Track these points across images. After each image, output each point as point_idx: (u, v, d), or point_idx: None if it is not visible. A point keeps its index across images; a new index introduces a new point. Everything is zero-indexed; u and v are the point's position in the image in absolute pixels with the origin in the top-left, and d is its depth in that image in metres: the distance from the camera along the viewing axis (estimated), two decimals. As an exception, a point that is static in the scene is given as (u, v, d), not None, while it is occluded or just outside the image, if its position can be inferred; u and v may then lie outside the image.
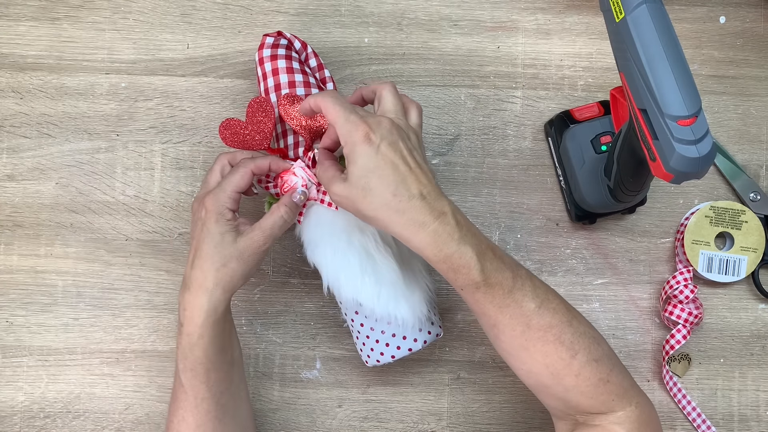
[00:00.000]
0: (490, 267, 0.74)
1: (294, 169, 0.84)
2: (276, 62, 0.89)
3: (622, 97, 0.82)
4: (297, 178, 0.84)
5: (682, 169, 0.71)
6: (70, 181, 0.97)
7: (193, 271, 0.80)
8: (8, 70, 0.98)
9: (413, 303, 0.85)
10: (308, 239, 0.86)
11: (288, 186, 0.84)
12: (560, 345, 0.76)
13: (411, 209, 0.73)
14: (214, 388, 0.81)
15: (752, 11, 1.00)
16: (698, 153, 0.70)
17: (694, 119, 0.70)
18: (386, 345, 0.88)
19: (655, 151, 0.72)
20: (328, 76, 0.92)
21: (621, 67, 0.74)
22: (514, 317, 0.76)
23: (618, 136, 0.84)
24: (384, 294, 0.84)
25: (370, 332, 0.88)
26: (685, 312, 0.94)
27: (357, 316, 0.88)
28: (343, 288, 0.84)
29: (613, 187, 0.89)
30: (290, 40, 0.91)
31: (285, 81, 0.88)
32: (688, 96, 0.70)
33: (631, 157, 0.82)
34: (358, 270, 0.84)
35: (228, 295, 0.80)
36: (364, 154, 0.73)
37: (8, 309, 0.96)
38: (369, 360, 0.90)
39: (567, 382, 0.77)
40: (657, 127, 0.71)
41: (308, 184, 0.84)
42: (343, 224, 0.84)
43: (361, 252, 0.84)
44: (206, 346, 0.80)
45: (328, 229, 0.85)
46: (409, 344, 0.88)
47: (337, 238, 0.84)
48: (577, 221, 0.97)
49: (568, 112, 0.95)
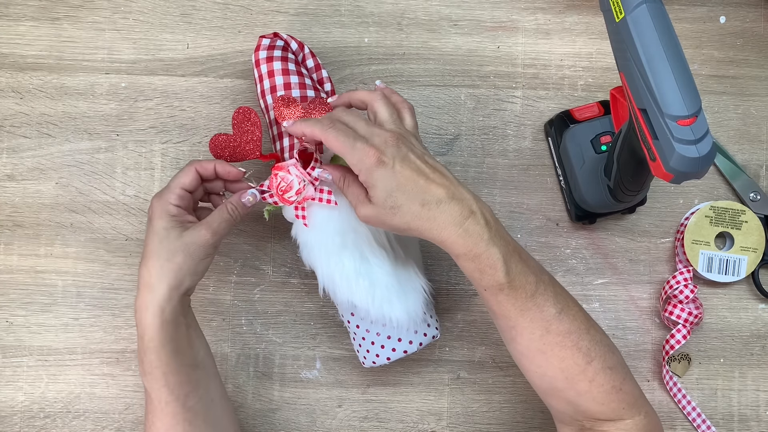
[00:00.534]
0: (515, 270, 0.75)
1: (288, 168, 0.84)
2: (272, 64, 0.89)
3: (622, 97, 0.82)
4: (292, 177, 0.84)
5: (682, 169, 0.71)
6: (70, 181, 0.97)
7: (140, 269, 0.80)
8: (8, 70, 0.98)
9: (408, 305, 0.85)
10: (303, 241, 0.86)
11: (285, 185, 0.84)
12: (577, 351, 0.77)
13: (441, 213, 0.74)
14: (176, 392, 0.80)
15: (752, 11, 1.00)
16: (698, 153, 0.70)
17: (694, 119, 0.70)
18: (381, 347, 0.88)
19: (655, 151, 0.72)
20: (326, 76, 0.92)
21: (621, 67, 0.74)
22: (534, 321, 0.76)
23: (618, 136, 0.83)
24: (378, 296, 0.84)
25: (365, 334, 0.88)
26: (685, 312, 0.94)
27: (353, 318, 0.88)
28: (338, 290, 0.85)
29: (613, 187, 0.89)
30: (286, 41, 0.91)
31: (281, 83, 0.88)
32: (688, 96, 0.70)
33: (631, 157, 0.82)
34: (353, 272, 0.84)
35: (175, 293, 0.78)
36: (382, 177, 0.75)
37: (8, 309, 0.96)
38: (365, 361, 0.90)
39: (580, 387, 0.77)
40: (657, 127, 0.71)
41: (304, 182, 0.84)
42: (337, 226, 0.84)
43: (355, 254, 0.84)
44: (157, 348, 0.78)
45: (323, 231, 0.84)
46: (404, 346, 0.88)
47: (331, 240, 0.84)
48: (577, 221, 0.97)
49: (568, 111, 0.95)
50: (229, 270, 0.97)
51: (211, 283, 0.97)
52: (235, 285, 0.97)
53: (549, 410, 0.83)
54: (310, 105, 0.85)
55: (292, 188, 0.84)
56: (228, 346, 0.97)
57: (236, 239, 0.97)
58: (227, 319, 0.97)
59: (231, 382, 0.96)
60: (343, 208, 0.84)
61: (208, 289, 0.96)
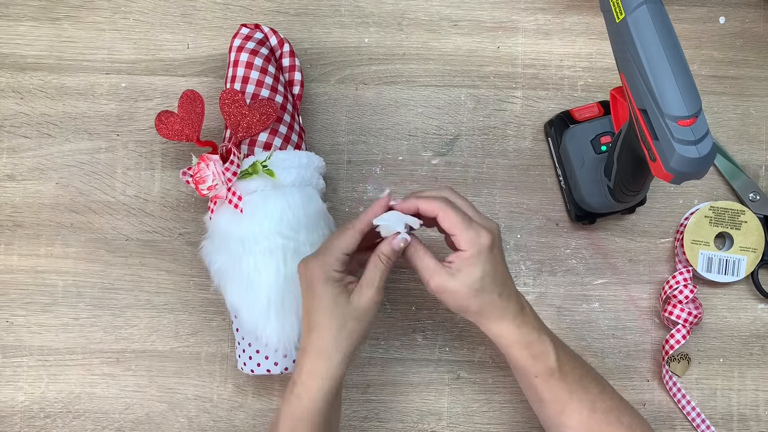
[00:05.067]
0: (563, 356, 0.81)
1: (210, 162, 0.85)
2: (240, 54, 0.90)
3: (622, 97, 0.82)
4: (209, 172, 0.85)
5: (683, 170, 0.71)
6: (70, 181, 0.97)
7: (311, 335, 0.79)
8: (8, 70, 0.98)
9: (283, 327, 0.85)
10: (210, 233, 0.88)
11: (200, 176, 0.85)
12: (620, 426, 0.82)
13: (510, 303, 0.80)
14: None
15: (752, 11, 1.00)
16: (698, 153, 0.70)
17: (694, 120, 0.70)
18: (249, 357, 0.89)
19: (655, 152, 0.72)
20: (298, 79, 0.93)
21: (621, 68, 0.74)
22: (582, 402, 0.81)
23: (618, 137, 0.84)
24: (258, 309, 0.85)
25: (241, 340, 0.90)
26: (684, 312, 0.94)
27: (235, 320, 0.90)
28: (228, 288, 0.86)
29: (613, 187, 0.89)
30: (266, 35, 0.92)
31: (241, 75, 0.89)
32: (688, 96, 0.70)
33: (631, 157, 0.82)
34: (245, 277, 0.85)
35: (348, 360, 0.79)
36: (488, 261, 0.78)
37: (8, 309, 0.96)
38: (237, 364, 0.91)
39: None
40: (657, 127, 0.71)
41: (217, 181, 0.85)
42: (241, 232, 0.85)
43: (250, 264, 0.85)
44: (314, 416, 0.79)
45: (227, 233, 0.86)
46: (269, 365, 0.88)
47: (234, 243, 0.85)
48: (576, 221, 0.97)
49: (567, 112, 0.95)
50: (230, 270, 0.97)
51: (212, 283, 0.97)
52: (236, 285, 0.97)
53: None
54: (255, 105, 0.86)
55: (205, 182, 0.85)
56: (228, 346, 0.97)
57: (236, 239, 0.97)
58: (228, 318, 0.97)
59: (231, 381, 0.96)
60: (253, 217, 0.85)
61: (208, 288, 0.96)
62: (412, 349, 0.97)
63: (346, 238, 0.79)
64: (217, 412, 0.96)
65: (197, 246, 0.91)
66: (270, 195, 0.86)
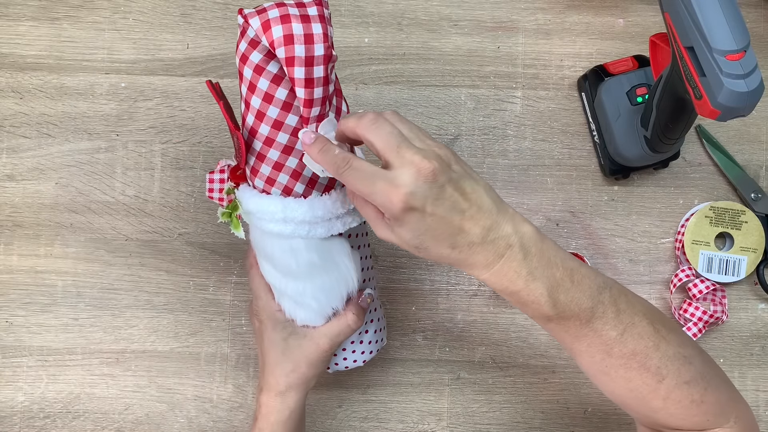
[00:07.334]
0: (564, 299, 0.68)
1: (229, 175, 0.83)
2: (244, 67, 0.75)
3: (663, 43, 0.83)
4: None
5: (731, 104, 0.71)
6: (70, 181, 0.97)
7: (266, 377, 0.82)
8: (8, 70, 0.98)
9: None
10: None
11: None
12: (645, 371, 0.70)
13: (472, 255, 0.67)
14: None
15: (752, 11, 1.00)
16: (747, 87, 0.70)
17: (743, 54, 0.70)
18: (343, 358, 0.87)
19: (702, 89, 0.72)
20: None
21: (666, 7, 0.74)
22: (592, 345, 0.70)
23: (657, 83, 0.84)
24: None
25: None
26: (699, 310, 0.94)
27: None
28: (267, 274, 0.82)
29: (651, 137, 0.89)
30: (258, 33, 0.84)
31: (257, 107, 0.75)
32: (737, 30, 0.70)
33: (672, 101, 0.82)
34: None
35: (301, 394, 0.82)
36: (411, 221, 0.65)
37: (8, 309, 0.96)
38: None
39: (654, 404, 0.71)
40: (704, 63, 0.71)
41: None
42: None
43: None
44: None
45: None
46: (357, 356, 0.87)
47: None
48: (611, 175, 0.96)
49: (602, 66, 0.96)
50: (229, 270, 0.97)
51: (211, 283, 0.97)
52: (235, 285, 0.97)
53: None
54: None
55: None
56: (228, 346, 0.97)
57: (236, 239, 0.97)
58: (227, 319, 0.97)
59: (231, 382, 0.96)
60: None
61: (208, 289, 0.96)
62: (412, 349, 0.97)
63: None
64: (217, 412, 0.96)
65: (197, 246, 0.90)
66: None
